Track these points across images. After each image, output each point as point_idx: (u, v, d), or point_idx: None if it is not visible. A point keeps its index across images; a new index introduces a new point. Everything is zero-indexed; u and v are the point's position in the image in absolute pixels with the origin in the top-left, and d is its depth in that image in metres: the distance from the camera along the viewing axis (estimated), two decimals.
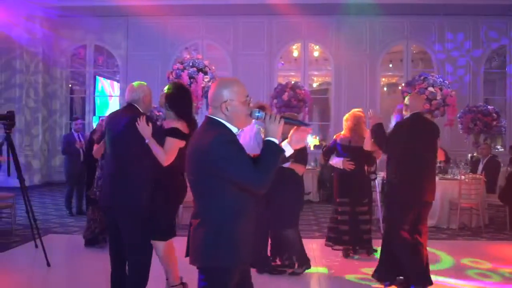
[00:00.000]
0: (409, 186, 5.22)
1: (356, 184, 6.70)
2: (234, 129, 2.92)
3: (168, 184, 4.59)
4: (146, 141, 4.32)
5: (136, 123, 4.32)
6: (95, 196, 6.74)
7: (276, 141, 2.86)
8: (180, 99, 4.69)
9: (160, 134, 4.44)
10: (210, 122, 2.91)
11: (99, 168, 6.74)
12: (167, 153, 4.41)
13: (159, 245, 4.69)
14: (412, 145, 5.23)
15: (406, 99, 5.47)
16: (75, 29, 15.77)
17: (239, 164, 2.76)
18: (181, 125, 4.54)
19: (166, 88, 4.78)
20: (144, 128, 4.32)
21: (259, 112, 2.93)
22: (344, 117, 6.89)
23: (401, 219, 5.26)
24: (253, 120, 3.07)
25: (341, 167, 6.74)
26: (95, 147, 6.58)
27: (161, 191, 4.54)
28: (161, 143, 4.42)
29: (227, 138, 2.82)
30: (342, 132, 6.86)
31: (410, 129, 5.31)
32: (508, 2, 13.85)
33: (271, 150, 2.85)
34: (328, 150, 7.10)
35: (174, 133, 4.46)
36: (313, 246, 7.68)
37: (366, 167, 6.80)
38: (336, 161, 6.81)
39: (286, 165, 5.67)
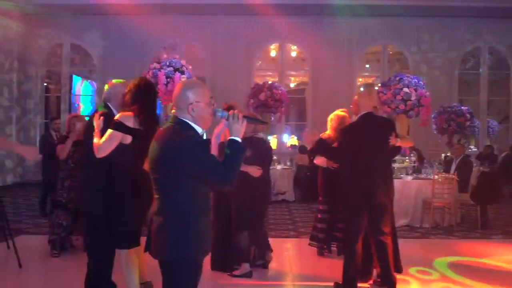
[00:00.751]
0: (355, 189, 5.21)
1: (339, 183, 6.72)
2: (199, 130, 3.02)
3: (124, 187, 4.29)
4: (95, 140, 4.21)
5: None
6: (62, 198, 6.68)
7: (239, 139, 2.96)
8: (145, 94, 4.46)
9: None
10: (178, 123, 2.99)
11: (65, 169, 6.66)
12: (101, 143, 4.14)
13: (121, 253, 4.42)
14: (359, 146, 5.19)
15: (355, 100, 5.37)
16: (51, 28, 15.61)
17: (210, 164, 2.89)
18: (133, 120, 4.28)
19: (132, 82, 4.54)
20: (96, 125, 4.28)
21: (222, 112, 3.02)
22: (329, 117, 6.95)
23: (349, 222, 5.33)
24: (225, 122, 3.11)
25: (325, 166, 6.82)
26: (59, 147, 6.62)
27: (119, 195, 4.31)
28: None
29: (197, 139, 2.94)
30: (327, 132, 6.94)
31: (357, 131, 5.32)
32: (483, 4, 14.06)
33: (235, 148, 2.94)
34: (313, 150, 7.17)
35: (118, 126, 4.18)
36: (288, 246, 7.72)
37: None
38: (320, 160, 6.88)
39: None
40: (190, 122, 2.98)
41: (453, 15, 14.83)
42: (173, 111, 3.09)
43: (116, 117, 4.28)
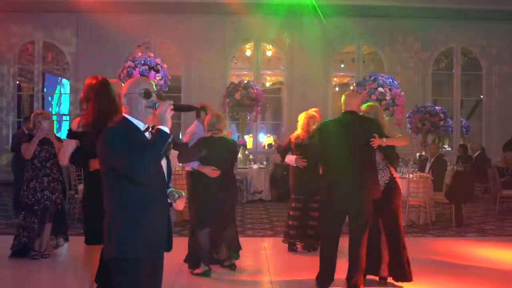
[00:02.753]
0: (329, 188, 5.24)
1: (310, 181, 6.78)
2: (141, 124, 2.98)
3: (87, 187, 4.38)
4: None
5: None
6: (28, 200, 6.38)
7: (166, 129, 2.88)
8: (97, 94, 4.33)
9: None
10: (118, 120, 3.04)
11: (30, 169, 6.38)
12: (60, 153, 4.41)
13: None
14: (337, 143, 5.20)
15: (342, 98, 5.36)
16: (23, 25, 15.35)
17: (118, 152, 2.81)
18: (77, 124, 4.25)
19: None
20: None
21: (151, 103, 2.97)
22: (299, 117, 7.01)
23: (324, 221, 5.38)
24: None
25: (295, 164, 6.89)
26: (24, 146, 6.34)
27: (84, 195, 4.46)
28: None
29: (116, 131, 2.91)
30: (297, 132, 6.99)
31: (336, 127, 5.34)
32: (456, 6, 14.25)
33: (158, 136, 2.86)
34: (284, 149, 7.23)
35: (67, 132, 4.30)
36: (265, 245, 7.71)
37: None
38: (290, 159, 6.96)
39: (195, 166, 5.83)
40: (128, 116, 2.97)
41: (426, 16, 14.99)
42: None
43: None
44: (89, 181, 4.29)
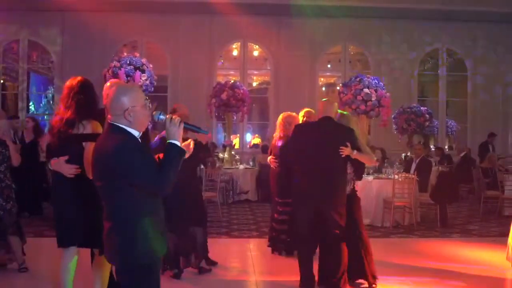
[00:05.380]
0: (300, 190, 5.30)
1: (284, 184, 6.70)
2: (136, 133, 3.02)
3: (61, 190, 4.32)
4: None
5: None
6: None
7: (178, 143, 2.98)
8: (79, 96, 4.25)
9: None
10: (112, 129, 3.01)
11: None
12: None
13: None
14: (308, 147, 5.24)
15: (319, 105, 5.42)
16: (7, 23, 15.18)
17: (141, 168, 2.88)
18: None
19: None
20: None
21: (161, 115, 3.03)
22: (279, 118, 7.04)
23: (296, 222, 5.47)
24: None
25: (272, 166, 7.01)
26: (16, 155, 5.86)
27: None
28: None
29: (131, 145, 2.94)
30: (276, 133, 7.07)
31: (310, 131, 5.44)
32: (441, 7, 14.34)
33: (172, 152, 2.97)
34: (270, 150, 7.29)
35: None
36: (250, 246, 7.71)
37: None
38: (267, 160, 7.03)
39: None
40: (125, 127, 2.98)
41: (412, 17, 15.08)
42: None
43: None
44: (84, 187, 4.08)
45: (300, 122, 6.96)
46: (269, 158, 7.05)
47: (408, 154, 12.07)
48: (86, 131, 4.13)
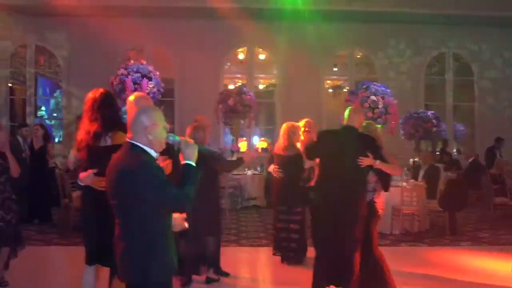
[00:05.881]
0: (320, 197, 5.26)
1: (290, 192, 6.82)
2: (154, 153, 3.09)
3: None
4: None
5: None
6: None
7: (193, 163, 3.10)
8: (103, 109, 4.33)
9: None
10: (132, 147, 3.06)
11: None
12: None
13: None
14: (331, 154, 5.22)
15: (346, 112, 5.33)
16: (15, 29, 15.23)
17: (164, 188, 2.96)
18: None
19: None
20: None
21: (174, 137, 3.14)
22: (282, 127, 7.08)
23: (314, 228, 5.44)
24: None
25: (274, 175, 7.05)
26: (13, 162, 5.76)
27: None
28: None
29: (153, 164, 3.03)
30: (280, 141, 7.08)
31: (332, 138, 5.40)
32: (447, 12, 14.30)
33: (191, 171, 3.08)
34: (270, 158, 7.32)
35: None
36: (260, 255, 7.73)
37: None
38: (270, 168, 7.10)
39: None
40: (144, 147, 3.04)
41: (418, 21, 15.02)
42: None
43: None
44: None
45: (301, 132, 7.03)
46: (272, 167, 7.06)
47: (416, 159, 12.04)
48: (113, 142, 4.12)
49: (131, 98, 4.36)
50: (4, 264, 5.91)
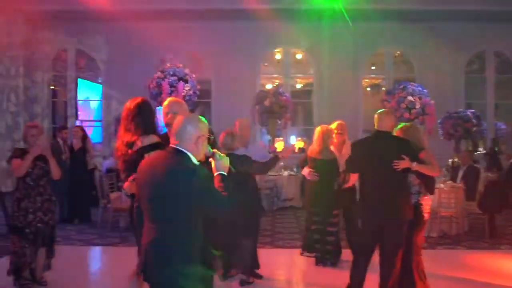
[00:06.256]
0: (364, 206, 5.30)
1: (325, 196, 6.82)
2: (196, 162, 3.17)
3: None
4: None
5: None
6: (18, 222, 5.79)
7: (225, 174, 3.22)
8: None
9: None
10: (178, 152, 3.11)
11: (22, 188, 5.83)
12: None
13: None
14: (368, 162, 5.22)
15: (375, 117, 5.33)
16: (56, 33, 15.61)
17: (216, 195, 3.05)
18: None
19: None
20: None
21: (209, 148, 3.25)
22: (315, 130, 7.07)
23: (357, 237, 5.47)
24: None
25: (308, 178, 6.97)
26: (15, 162, 5.82)
27: None
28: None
29: (205, 170, 3.08)
30: (312, 144, 7.07)
31: (366, 146, 5.40)
32: (488, 8, 13.98)
33: (225, 182, 3.17)
34: (302, 161, 7.28)
35: None
36: (294, 257, 7.71)
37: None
38: (305, 171, 7.03)
39: None
40: (189, 154, 3.11)
41: (458, 18, 14.73)
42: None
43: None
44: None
45: (334, 135, 6.99)
46: (306, 170, 7.03)
47: (456, 160, 11.80)
48: (144, 144, 4.20)
49: (165, 103, 4.47)
50: (45, 265, 6.12)
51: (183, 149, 3.10)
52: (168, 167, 3.05)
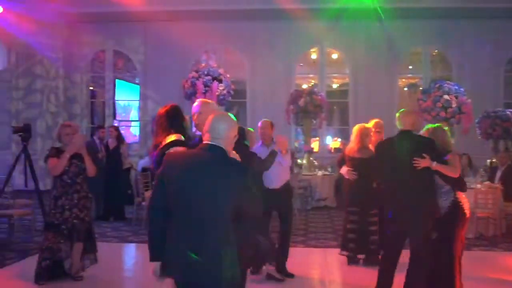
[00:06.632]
0: (390, 205, 5.30)
1: (363, 195, 6.78)
2: None
3: None
4: None
5: None
6: (55, 219, 5.97)
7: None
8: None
9: None
10: (222, 151, 3.06)
11: (60, 186, 6.00)
12: None
13: None
14: (391, 162, 5.26)
15: (397, 116, 5.37)
16: (94, 35, 15.93)
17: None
18: None
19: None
20: None
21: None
22: (353, 129, 7.03)
23: (384, 237, 5.44)
24: None
25: (346, 177, 6.93)
26: (51, 161, 5.92)
27: None
28: None
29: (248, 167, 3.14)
30: (350, 143, 7.02)
31: (389, 146, 5.38)
32: None
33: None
34: (340, 160, 7.25)
35: None
36: (326, 256, 7.68)
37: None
38: (343, 170, 7.01)
39: None
40: (226, 150, 3.09)
41: (497, 16, 14.40)
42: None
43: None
44: None
45: (372, 133, 6.94)
46: (344, 169, 7.00)
47: (494, 160, 11.54)
48: (167, 141, 4.27)
49: (195, 104, 4.56)
50: (92, 259, 6.37)
51: (221, 146, 3.05)
52: (217, 164, 3.01)
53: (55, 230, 5.95)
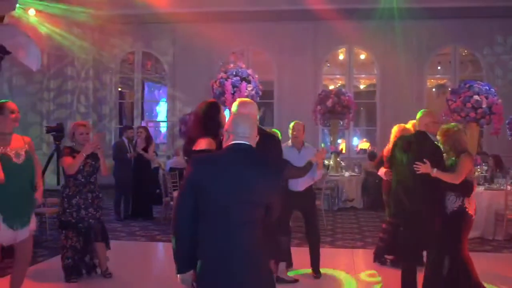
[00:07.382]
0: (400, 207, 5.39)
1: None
2: None
3: None
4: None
5: None
6: (71, 218, 6.01)
7: None
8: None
9: None
10: (254, 150, 3.03)
11: (73, 185, 6.02)
12: None
13: None
14: (400, 162, 5.33)
15: (418, 115, 5.41)
16: (123, 36, 16.15)
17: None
18: None
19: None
20: None
21: None
22: (392, 130, 7.00)
23: (404, 235, 5.49)
24: None
25: (384, 178, 6.87)
26: (66, 160, 5.93)
27: None
28: None
29: None
30: (389, 145, 6.96)
31: (401, 146, 5.43)
32: None
33: None
34: (379, 161, 7.32)
35: None
36: (353, 257, 7.67)
37: None
38: (381, 172, 6.98)
39: None
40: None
41: None
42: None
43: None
44: None
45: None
46: (382, 170, 6.94)
47: None
48: (199, 147, 4.19)
49: (235, 103, 4.49)
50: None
51: (251, 145, 3.00)
52: (252, 165, 2.95)
53: (72, 229, 6.03)
